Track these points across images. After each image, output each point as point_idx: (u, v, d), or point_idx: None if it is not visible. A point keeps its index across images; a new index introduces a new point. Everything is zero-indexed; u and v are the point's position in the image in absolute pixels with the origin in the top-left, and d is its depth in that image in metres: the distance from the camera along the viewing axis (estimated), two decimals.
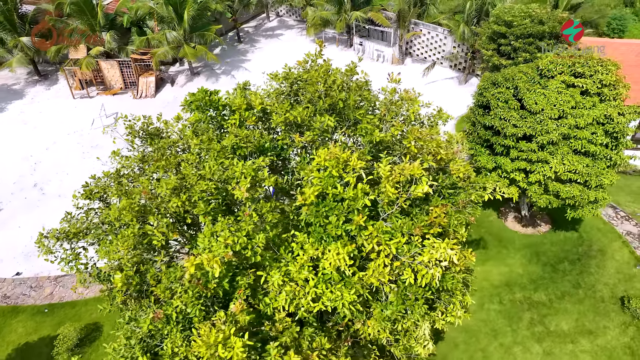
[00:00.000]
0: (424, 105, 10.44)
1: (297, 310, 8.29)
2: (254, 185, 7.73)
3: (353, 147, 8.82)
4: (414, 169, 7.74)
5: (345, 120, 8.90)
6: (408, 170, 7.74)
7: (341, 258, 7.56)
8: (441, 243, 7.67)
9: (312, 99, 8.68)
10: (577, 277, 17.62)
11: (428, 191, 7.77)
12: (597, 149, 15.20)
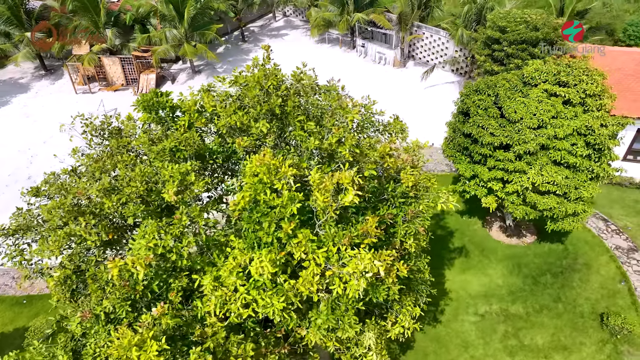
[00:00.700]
0: (377, 113, 10.31)
1: (228, 315, 8.29)
2: (183, 189, 7.73)
3: (295, 153, 8.76)
4: (343, 178, 7.64)
5: (287, 125, 8.86)
6: (336, 179, 7.65)
7: (264, 265, 7.51)
8: (366, 254, 7.56)
9: (253, 104, 8.66)
10: (558, 291, 17.19)
11: (355, 200, 7.65)
12: (577, 160, 14.79)
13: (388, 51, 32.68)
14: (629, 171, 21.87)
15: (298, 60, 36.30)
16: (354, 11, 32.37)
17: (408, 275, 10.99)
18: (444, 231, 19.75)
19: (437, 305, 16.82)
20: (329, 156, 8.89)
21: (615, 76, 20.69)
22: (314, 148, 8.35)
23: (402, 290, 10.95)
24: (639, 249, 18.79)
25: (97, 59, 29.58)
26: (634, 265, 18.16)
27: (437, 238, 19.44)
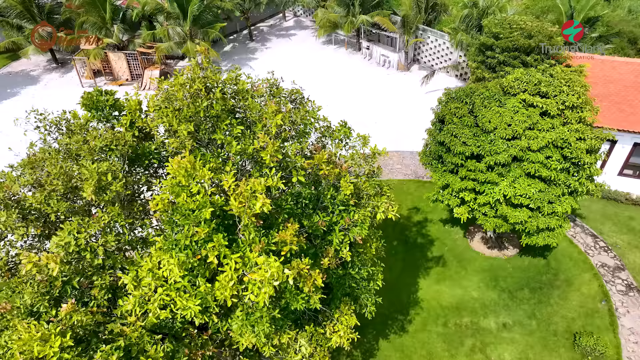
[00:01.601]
0: (320, 119, 10.21)
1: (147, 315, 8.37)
2: (102, 188, 7.85)
3: (220, 157, 8.75)
4: (255, 185, 7.61)
5: (218, 129, 8.87)
6: (249, 185, 7.62)
7: (171, 268, 7.56)
8: (274, 262, 7.50)
9: (180, 106, 8.71)
10: (534, 307, 16.71)
11: (265, 208, 7.60)
12: (552, 174, 14.33)
13: (392, 54, 32.36)
14: (626, 187, 21.11)
15: (302, 60, 36.65)
16: (360, 13, 32.18)
17: (350, 283, 10.94)
18: (424, 239, 19.46)
19: (406, 315, 16.59)
20: (257, 162, 8.87)
21: (613, 87, 20.02)
22: (234, 153, 8.34)
23: (336, 300, 10.87)
24: (625, 268, 18.10)
25: (104, 54, 30.29)
26: (618, 284, 17.49)
27: (416, 246, 19.18)
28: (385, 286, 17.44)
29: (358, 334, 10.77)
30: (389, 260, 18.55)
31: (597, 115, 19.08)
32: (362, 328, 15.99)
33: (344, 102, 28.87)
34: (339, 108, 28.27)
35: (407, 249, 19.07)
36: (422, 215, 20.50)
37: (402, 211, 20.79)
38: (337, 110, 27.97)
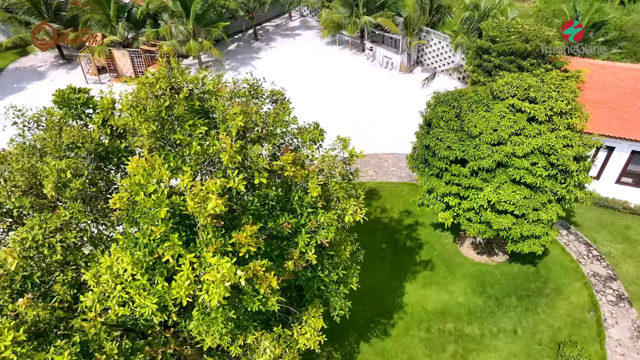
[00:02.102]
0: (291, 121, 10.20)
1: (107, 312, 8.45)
2: (63, 185, 7.95)
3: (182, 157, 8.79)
4: (210, 185, 7.63)
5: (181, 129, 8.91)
6: (205, 186, 7.65)
7: (124, 266, 7.63)
8: (226, 264, 7.51)
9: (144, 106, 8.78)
10: (520, 315, 16.47)
11: (218, 209, 7.61)
12: (537, 180, 14.11)
13: (395, 56, 32.18)
14: (624, 195, 20.69)
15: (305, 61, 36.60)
16: (364, 14, 32.07)
17: (319, 286, 10.91)
18: (413, 243, 19.32)
19: (390, 318, 16.49)
20: (217, 162, 8.90)
21: (612, 93, 19.66)
22: (194, 153, 8.38)
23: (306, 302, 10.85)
24: (617, 278, 17.74)
25: (108, 51, 30.67)
26: (608, 294, 17.16)
27: (405, 249, 19.06)
28: (371, 289, 17.50)
29: (326, 336, 10.73)
30: (376, 263, 18.52)
31: (594, 122, 18.82)
32: (343, 330, 16.01)
33: (344, 103, 28.82)
34: (339, 109, 28.26)
35: (396, 252, 18.95)
36: (414, 218, 20.35)
37: (394, 214, 20.68)
38: (337, 111, 27.97)
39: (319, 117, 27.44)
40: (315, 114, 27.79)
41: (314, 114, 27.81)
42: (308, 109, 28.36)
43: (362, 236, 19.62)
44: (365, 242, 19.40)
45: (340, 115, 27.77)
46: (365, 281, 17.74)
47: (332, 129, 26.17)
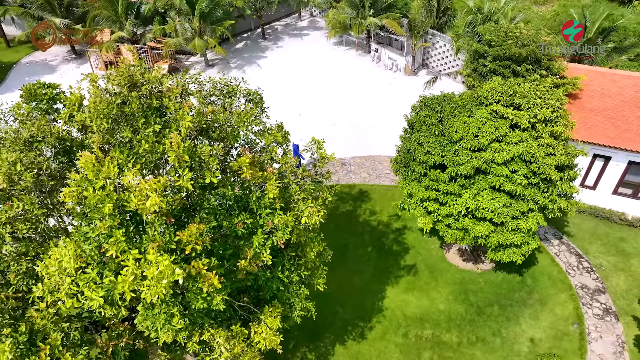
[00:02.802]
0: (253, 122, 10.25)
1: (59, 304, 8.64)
2: (16, 178, 8.17)
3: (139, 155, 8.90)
4: (151, 184, 7.74)
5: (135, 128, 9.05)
6: (148, 183, 7.76)
7: (66, 260, 7.79)
8: (164, 261, 7.60)
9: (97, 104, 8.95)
10: (501, 325, 16.21)
11: (155, 207, 7.71)
12: (517, 188, 13.85)
13: (400, 58, 31.97)
14: (621, 206, 20.16)
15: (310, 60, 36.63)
16: (370, 15, 31.95)
17: (278, 286, 10.92)
18: (399, 247, 19.18)
19: (368, 322, 16.42)
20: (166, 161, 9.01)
21: (610, 101, 19.19)
22: (142, 151, 8.50)
23: (264, 301, 10.89)
24: (606, 292, 17.30)
25: (116, 47, 31.25)
26: (595, 308, 16.74)
27: (390, 253, 18.94)
28: (353, 291, 17.46)
29: (282, 336, 10.74)
30: (361, 265, 18.48)
31: (589, 130, 18.40)
32: (321, 331, 16.03)
33: (345, 104, 28.78)
34: (339, 110, 28.23)
35: (381, 256, 18.85)
36: (402, 222, 20.21)
37: (383, 217, 20.57)
38: (337, 112, 27.93)
39: (318, 117, 27.53)
40: (315, 114, 27.87)
41: (314, 114, 27.88)
42: (308, 109, 28.44)
43: (349, 238, 19.70)
44: (351, 244, 19.47)
45: (340, 116, 27.73)
46: (347, 283, 17.79)
47: (330, 130, 26.26)
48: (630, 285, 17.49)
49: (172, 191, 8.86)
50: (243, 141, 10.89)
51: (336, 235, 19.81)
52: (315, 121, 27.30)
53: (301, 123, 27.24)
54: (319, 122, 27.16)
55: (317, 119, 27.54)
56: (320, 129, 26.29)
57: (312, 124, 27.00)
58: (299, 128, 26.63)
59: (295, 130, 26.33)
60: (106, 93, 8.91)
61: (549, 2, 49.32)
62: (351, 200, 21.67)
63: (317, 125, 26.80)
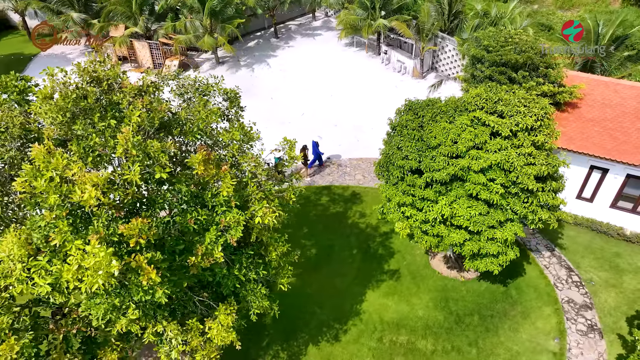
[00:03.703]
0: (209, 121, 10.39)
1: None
2: None
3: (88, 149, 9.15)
4: (92, 177, 7.97)
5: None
6: (91, 176, 7.99)
7: (16, 247, 8.10)
8: (100, 252, 7.81)
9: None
10: (479, 335, 15.93)
11: (91, 201, 7.93)
12: (494, 197, 13.60)
13: (408, 60, 31.71)
14: (619, 221, 19.51)
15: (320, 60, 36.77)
16: (381, 17, 31.80)
17: (235, 284, 11.05)
18: (385, 251, 19.06)
19: (344, 324, 16.39)
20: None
21: (610, 112, 18.63)
22: (93, 145, 8.74)
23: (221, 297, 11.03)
24: (593, 307, 16.79)
25: (129, 42, 32.04)
26: (579, 323, 16.28)
27: (375, 257, 18.85)
28: (333, 293, 17.46)
29: (238, 336, 10.85)
30: (344, 267, 18.47)
31: (585, 141, 17.93)
32: (296, 331, 16.11)
33: (348, 105, 28.73)
34: (342, 110, 28.21)
35: (366, 259, 18.78)
36: (390, 226, 20.04)
37: (372, 220, 20.48)
38: (340, 113, 27.92)
39: (321, 117, 27.58)
40: (318, 114, 27.93)
41: (317, 114, 27.95)
42: (312, 109, 28.52)
43: (335, 239, 19.71)
44: (337, 245, 19.48)
45: (342, 116, 27.71)
46: (329, 285, 17.82)
47: (331, 130, 26.28)
48: (620, 302, 16.92)
49: (122, 185, 9.09)
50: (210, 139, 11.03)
51: (323, 236, 19.87)
52: (318, 121, 27.36)
53: (303, 123, 27.37)
54: (321, 122, 27.21)
55: (319, 119, 27.59)
56: (321, 129, 26.36)
57: (314, 123, 27.08)
58: (301, 127, 26.83)
59: (297, 130, 26.52)
60: (64, 87, 9.18)
61: (575, 7, 48.01)
62: (342, 202, 21.65)
63: (319, 125, 26.87)
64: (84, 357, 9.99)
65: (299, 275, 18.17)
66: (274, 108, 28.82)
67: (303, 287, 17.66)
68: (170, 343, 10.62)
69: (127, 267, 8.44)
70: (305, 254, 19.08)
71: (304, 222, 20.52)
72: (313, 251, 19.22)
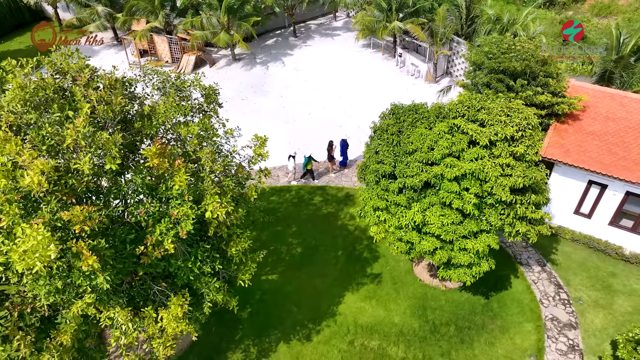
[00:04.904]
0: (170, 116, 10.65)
1: None
2: None
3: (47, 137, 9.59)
4: (38, 164, 8.38)
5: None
6: (35, 164, 8.41)
7: None
8: (38, 235, 8.19)
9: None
10: (453, 346, 15.67)
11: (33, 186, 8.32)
12: (468, 207, 13.34)
13: (422, 64, 31.32)
14: (618, 239, 18.72)
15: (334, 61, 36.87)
16: (397, 19, 31.54)
17: (188, 276, 11.31)
18: (370, 254, 18.98)
19: (318, 324, 16.45)
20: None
21: (613, 126, 17.93)
22: (45, 134, 9.17)
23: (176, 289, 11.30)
24: (577, 327, 16.20)
25: (149, 36, 33.02)
26: (560, 342, 15.75)
27: (359, 260, 18.81)
28: (312, 293, 17.53)
29: (195, 327, 11.10)
30: (326, 268, 18.53)
31: (582, 155, 17.34)
32: (269, 327, 16.30)
33: (357, 107, 28.66)
34: (347, 111, 28.18)
35: (349, 261, 18.76)
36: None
37: (361, 223, 20.41)
38: (344, 114, 27.89)
39: (328, 117, 27.64)
40: (325, 114, 28.00)
41: (324, 114, 28.02)
42: (320, 109, 28.62)
43: (322, 240, 19.78)
44: (323, 246, 19.55)
45: (349, 117, 27.68)
46: (309, 285, 17.92)
47: (335, 131, 26.29)
48: (607, 324, 16.26)
49: (75, 174, 9.48)
50: (171, 134, 11.33)
51: (311, 236, 19.96)
52: (324, 121, 27.45)
53: (309, 122, 27.52)
54: (327, 123, 27.28)
55: (325, 119, 27.67)
56: (326, 129, 26.44)
57: (320, 123, 27.19)
58: (306, 127, 26.99)
59: (301, 129, 26.71)
60: (25, 78, 9.66)
61: (612, 15, 46.12)
62: (335, 203, 21.67)
63: (324, 125, 26.95)
64: (38, 335, 10.48)
65: (281, 273, 18.37)
66: (282, 106, 29.09)
67: (284, 285, 17.83)
68: (121, 329, 11.00)
69: (70, 253, 8.82)
70: (290, 252, 19.25)
71: (294, 221, 20.68)
72: (299, 250, 19.35)
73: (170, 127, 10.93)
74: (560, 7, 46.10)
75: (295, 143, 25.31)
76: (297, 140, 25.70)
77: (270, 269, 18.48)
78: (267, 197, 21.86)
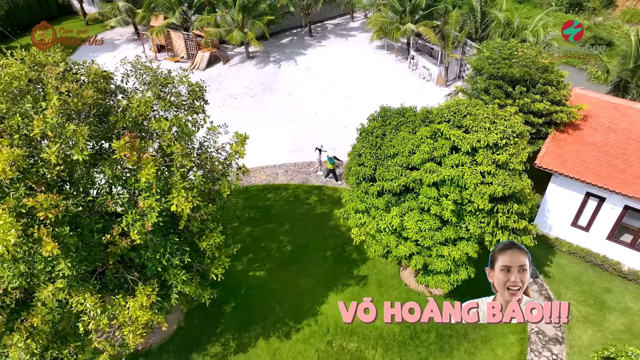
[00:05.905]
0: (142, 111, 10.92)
1: None
2: None
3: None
4: (4, 153, 8.77)
5: None
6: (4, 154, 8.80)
7: None
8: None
9: None
10: (431, 353, 15.50)
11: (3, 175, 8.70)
12: (445, 213, 13.19)
13: (434, 67, 30.98)
14: (616, 254, 18.13)
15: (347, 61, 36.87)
16: (410, 21, 31.30)
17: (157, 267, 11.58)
18: (358, 256, 18.95)
19: (298, 323, 16.54)
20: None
21: (614, 137, 17.40)
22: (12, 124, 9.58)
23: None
24: (563, 342, 15.78)
25: (166, 32, 33.76)
26: (543, 357, 15.38)
27: (347, 261, 18.80)
28: (296, 292, 17.71)
29: (166, 317, 11.38)
30: (313, 268, 18.61)
31: (579, 166, 16.92)
32: (250, 323, 16.50)
33: (364, 108, 28.52)
34: (356, 113, 28.12)
35: (337, 262, 18.78)
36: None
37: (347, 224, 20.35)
38: (353, 115, 27.83)
39: (333, 117, 27.68)
40: (331, 115, 28.04)
41: (330, 114, 28.07)
42: (326, 109, 28.67)
43: (312, 239, 19.87)
44: (313, 245, 19.64)
45: (353, 119, 27.58)
46: (293, 283, 18.05)
47: (339, 132, 26.31)
48: (595, 341, 15.78)
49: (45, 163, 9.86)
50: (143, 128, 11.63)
51: (302, 235, 20.07)
52: (329, 121, 27.50)
53: (313, 122, 27.62)
54: (331, 123, 27.33)
55: (331, 120, 27.72)
56: (330, 129, 26.50)
57: (325, 124, 27.26)
58: (311, 127, 27.11)
59: (306, 129, 26.84)
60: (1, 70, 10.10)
61: None
62: (329, 203, 21.71)
63: (329, 125, 27.00)
64: (10, 316, 10.94)
65: (269, 270, 18.55)
66: (289, 105, 29.28)
67: (270, 282, 18.00)
68: (89, 314, 11.36)
69: (32, 239, 9.19)
70: (280, 250, 19.41)
71: (287, 219, 20.83)
72: (289, 248, 19.48)
73: (141, 121, 11.20)
74: (590, 13, 44.75)
75: (299, 142, 25.46)
76: (301, 139, 25.84)
77: (259, 265, 18.69)
78: (263, 195, 22.09)
